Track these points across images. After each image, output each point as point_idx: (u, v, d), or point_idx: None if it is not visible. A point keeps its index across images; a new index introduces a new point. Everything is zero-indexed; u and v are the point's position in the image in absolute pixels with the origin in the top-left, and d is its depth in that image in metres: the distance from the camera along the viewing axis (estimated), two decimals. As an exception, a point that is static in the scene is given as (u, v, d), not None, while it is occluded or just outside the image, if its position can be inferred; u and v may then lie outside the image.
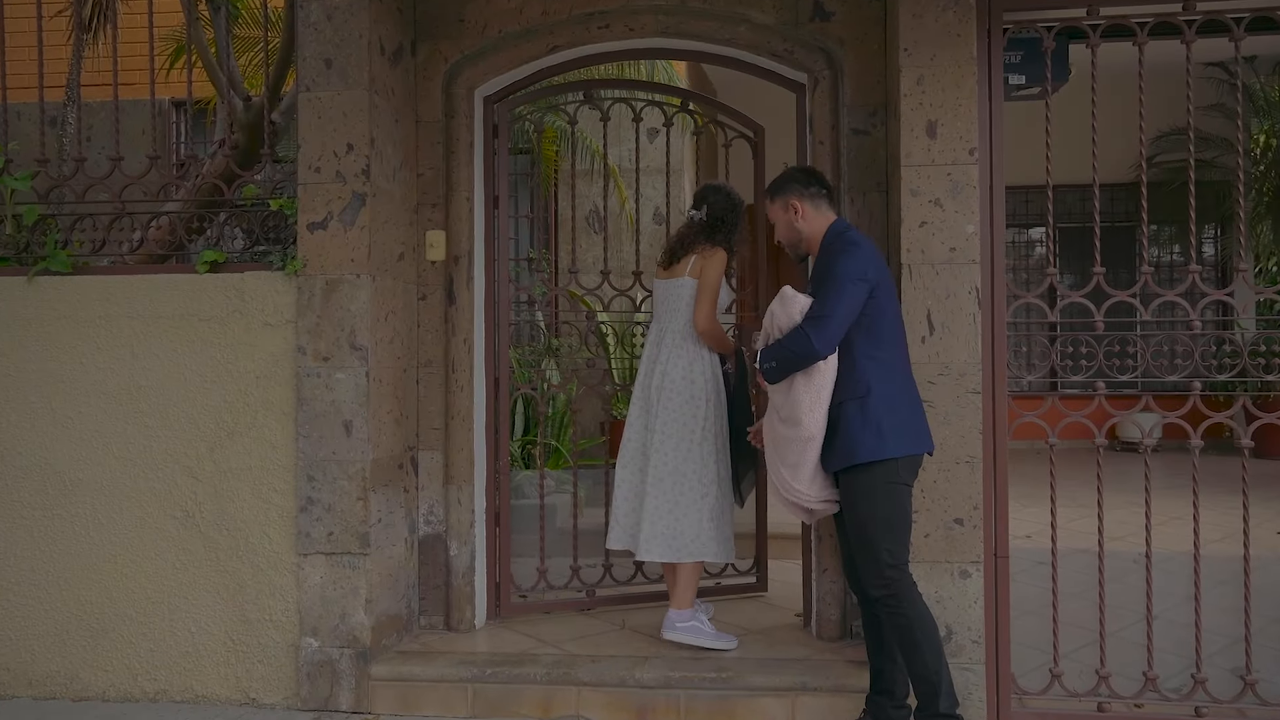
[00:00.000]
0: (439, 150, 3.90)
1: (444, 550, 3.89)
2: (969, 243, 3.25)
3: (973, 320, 3.24)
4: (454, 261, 3.89)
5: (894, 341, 3.06)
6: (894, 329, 3.06)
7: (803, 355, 2.94)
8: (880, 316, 3.00)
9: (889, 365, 3.01)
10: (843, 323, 2.94)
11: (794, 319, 2.99)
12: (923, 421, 3.06)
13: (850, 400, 2.97)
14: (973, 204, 3.25)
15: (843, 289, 2.95)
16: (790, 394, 3.02)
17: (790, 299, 3.03)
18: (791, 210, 3.17)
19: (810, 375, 2.98)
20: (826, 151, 3.74)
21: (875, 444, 2.94)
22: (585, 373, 5.37)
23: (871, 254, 3.04)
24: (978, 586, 3.23)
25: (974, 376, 3.23)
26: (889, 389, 2.99)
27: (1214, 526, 4.89)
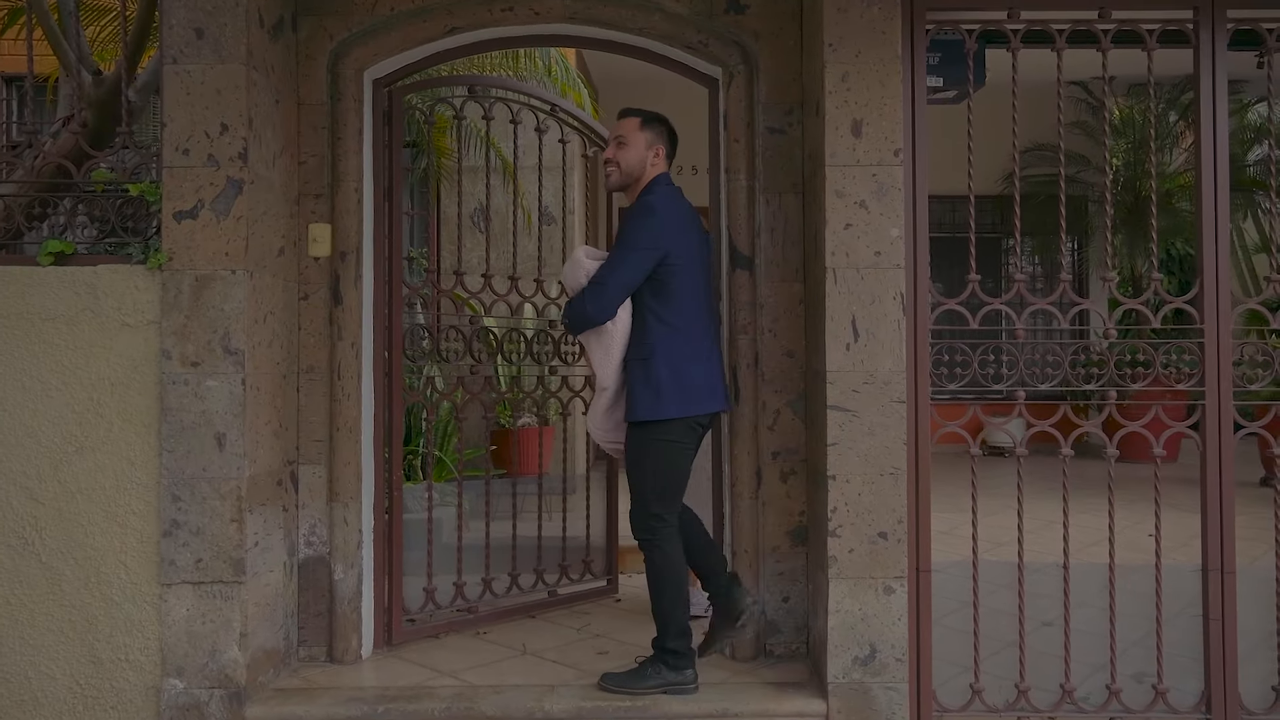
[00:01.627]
0: (323, 136, 3.55)
1: (327, 574, 3.53)
2: (894, 247, 3.14)
3: (898, 327, 3.13)
4: (340, 258, 3.55)
5: (688, 307, 3.23)
6: (692, 295, 3.25)
7: (582, 317, 3.22)
8: (673, 280, 3.19)
9: (678, 329, 3.20)
10: (619, 290, 3.17)
11: (580, 282, 3.23)
12: (710, 384, 3.25)
13: (636, 360, 3.21)
14: (898, 206, 3.15)
15: (625, 258, 3.19)
16: (588, 348, 3.33)
17: (577, 263, 3.26)
18: (653, 151, 3.34)
19: (600, 334, 3.24)
20: (741, 150, 3.59)
21: (652, 404, 3.17)
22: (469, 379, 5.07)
23: (669, 221, 3.22)
24: (902, 603, 3.12)
25: (899, 385, 3.13)
26: (675, 352, 3.18)
27: (1089, 530, 5.01)
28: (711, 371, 3.29)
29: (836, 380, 3.13)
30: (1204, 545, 3.20)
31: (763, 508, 3.56)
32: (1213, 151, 3.23)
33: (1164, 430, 3.19)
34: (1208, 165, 3.22)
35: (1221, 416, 3.16)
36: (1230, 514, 3.19)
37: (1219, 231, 3.20)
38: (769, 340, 3.56)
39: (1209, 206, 3.20)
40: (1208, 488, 3.17)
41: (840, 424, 3.12)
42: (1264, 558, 5.19)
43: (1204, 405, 3.17)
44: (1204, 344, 3.17)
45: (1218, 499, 3.17)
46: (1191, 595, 3.35)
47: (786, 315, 3.56)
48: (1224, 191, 3.23)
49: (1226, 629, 3.21)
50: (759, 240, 3.58)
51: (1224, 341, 3.16)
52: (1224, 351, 3.16)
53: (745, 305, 3.57)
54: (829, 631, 3.11)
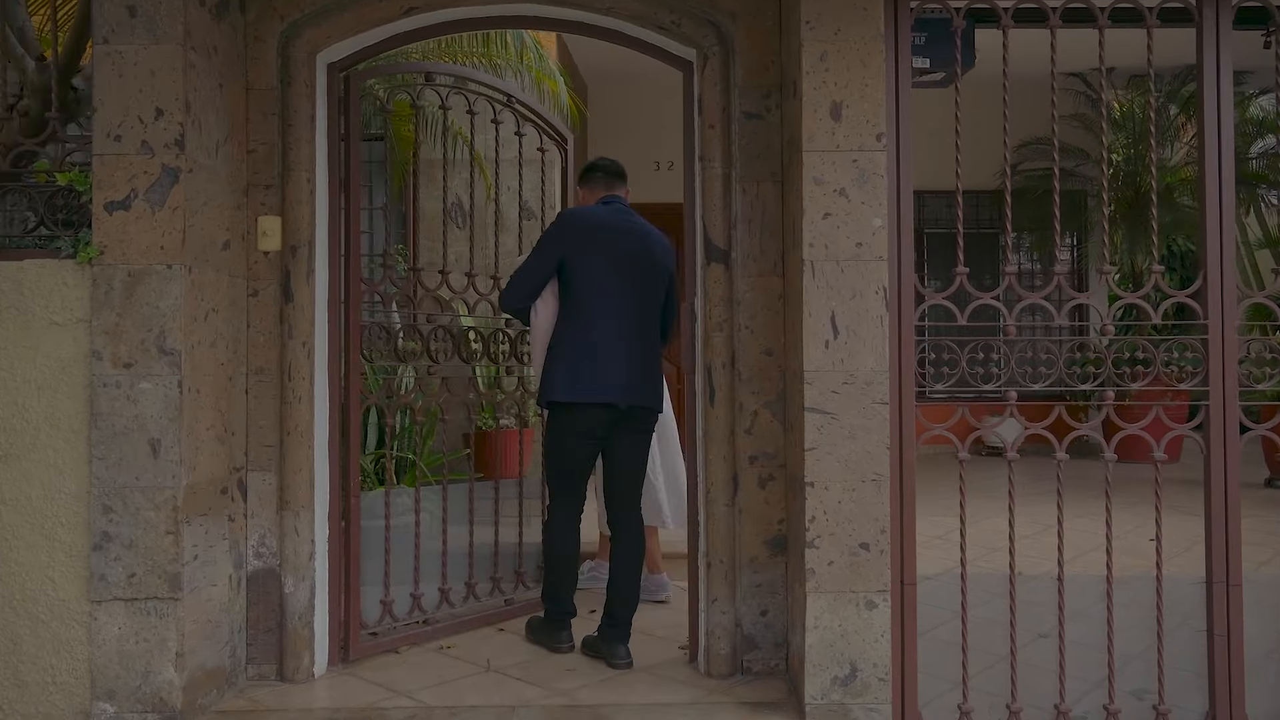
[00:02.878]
0: (273, 123, 3.35)
1: (278, 587, 3.33)
2: (876, 237, 2.94)
3: (880, 323, 2.93)
4: (291, 252, 3.35)
5: (591, 307, 3.53)
6: (590, 291, 3.53)
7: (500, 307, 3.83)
8: (573, 278, 3.54)
9: (575, 323, 3.53)
10: (516, 286, 3.62)
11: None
12: (599, 377, 3.49)
13: (548, 350, 3.60)
14: (880, 195, 2.95)
15: (525, 259, 3.68)
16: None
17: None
18: (581, 195, 3.87)
19: (532, 326, 3.69)
20: (716, 136, 3.38)
21: (546, 389, 3.58)
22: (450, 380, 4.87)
23: (570, 229, 3.59)
24: (884, 618, 2.92)
25: (881, 386, 2.93)
26: (569, 344, 3.52)
27: (1089, 535, 4.82)
28: (607, 367, 3.51)
29: (814, 380, 2.93)
30: (1208, 556, 3.00)
31: (739, 516, 3.36)
32: (1216, 134, 3.02)
33: (1165, 432, 2.99)
34: (1211, 148, 3.02)
35: (1226, 418, 2.96)
36: (1236, 523, 2.99)
37: (1224, 220, 3.00)
38: (746, 338, 3.35)
39: (1213, 192, 3.00)
40: (1212, 495, 2.97)
41: (818, 427, 2.92)
42: (1271, 563, 5.00)
43: (1207, 406, 2.97)
44: (1208, 340, 2.97)
45: (1222, 507, 2.96)
46: (1195, 604, 3.15)
47: (765, 311, 3.35)
48: (1229, 176, 3.02)
49: (1233, 645, 3.00)
50: (735, 232, 3.37)
51: (1229, 338, 2.96)
52: (1229, 348, 2.96)
53: (721, 301, 3.37)
54: (807, 649, 2.91)
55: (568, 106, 5.21)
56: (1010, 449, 3.03)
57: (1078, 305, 3.06)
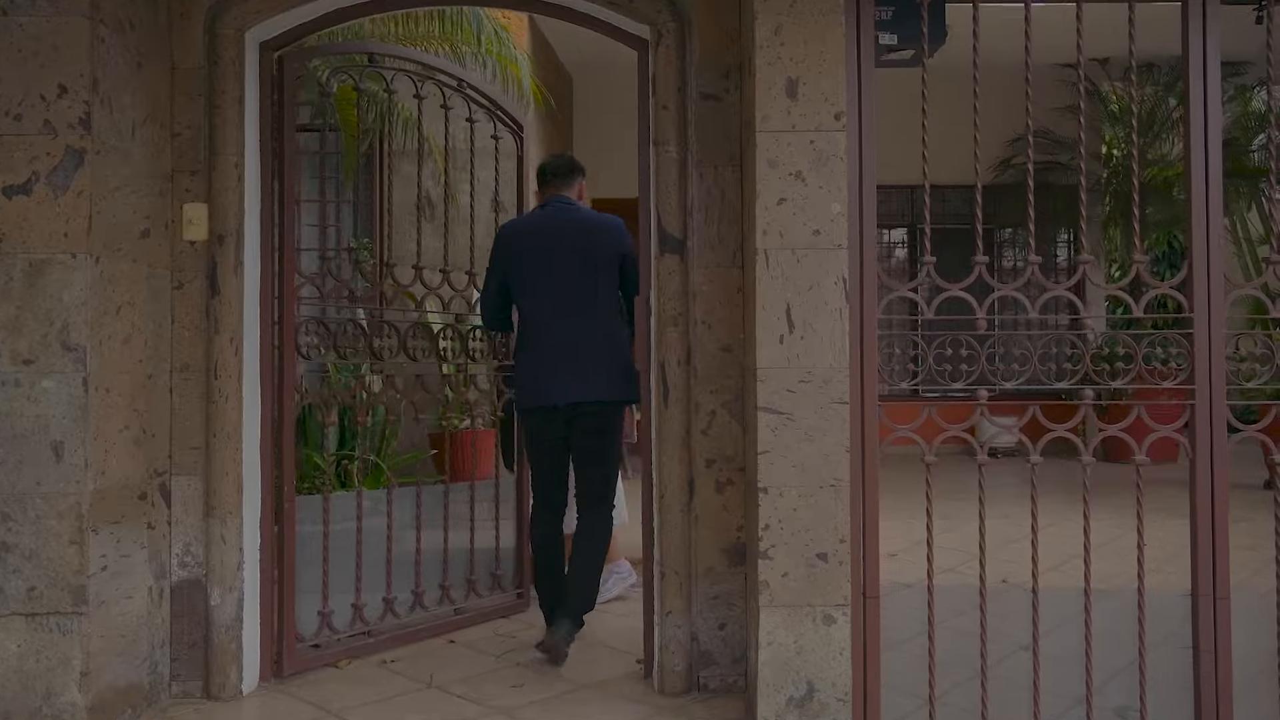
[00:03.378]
0: (199, 105, 3.15)
1: (204, 598, 3.13)
2: (835, 224, 2.73)
3: (839, 316, 2.72)
4: (217, 241, 3.15)
5: (525, 310, 3.65)
6: (528, 298, 3.63)
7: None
8: (514, 289, 3.66)
9: (522, 331, 3.67)
10: (484, 307, 3.80)
11: None
12: (537, 381, 3.56)
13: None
14: (840, 178, 2.74)
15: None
16: None
17: None
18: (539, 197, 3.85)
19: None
20: (671, 118, 3.18)
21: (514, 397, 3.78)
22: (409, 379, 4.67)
23: (503, 239, 3.70)
24: (844, 634, 2.71)
25: (840, 384, 2.72)
26: (519, 352, 3.68)
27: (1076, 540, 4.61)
28: (547, 370, 3.55)
29: (768, 378, 2.72)
30: (1194, 568, 2.78)
31: (695, 522, 3.15)
32: (1203, 115, 2.81)
33: (1149, 435, 2.78)
34: (1197, 130, 2.80)
35: (1214, 418, 2.74)
36: (1223, 532, 2.77)
37: (1210, 207, 2.78)
38: (703, 333, 3.15)
39: (1199, 177, 2.79)
40: (1197, 502, 2.76)
41: (773, 428, 2.71)
42: (1265, 571, 4.78)
43: (1193, 405, 2.76)
44: (1193, 335, 2.76)
45: (1208, 514, 2.75)
46: (1183, 615, 2.94)
47: (723, 305, 3.15)
48: (1216, 160, 2.81)
49: (1220, 662, 2.79)
50: (691, 220, 3.17)
51: (1216, 332, 2.75)
52: (1216, 343, 2.74)
53: (675, 294, 3.16)
54: (760, 667, 2.70)
55: (530, 92, 4.99)
56: (981, 452, 2.82)
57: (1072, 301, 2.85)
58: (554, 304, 3.57)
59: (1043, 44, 2.82)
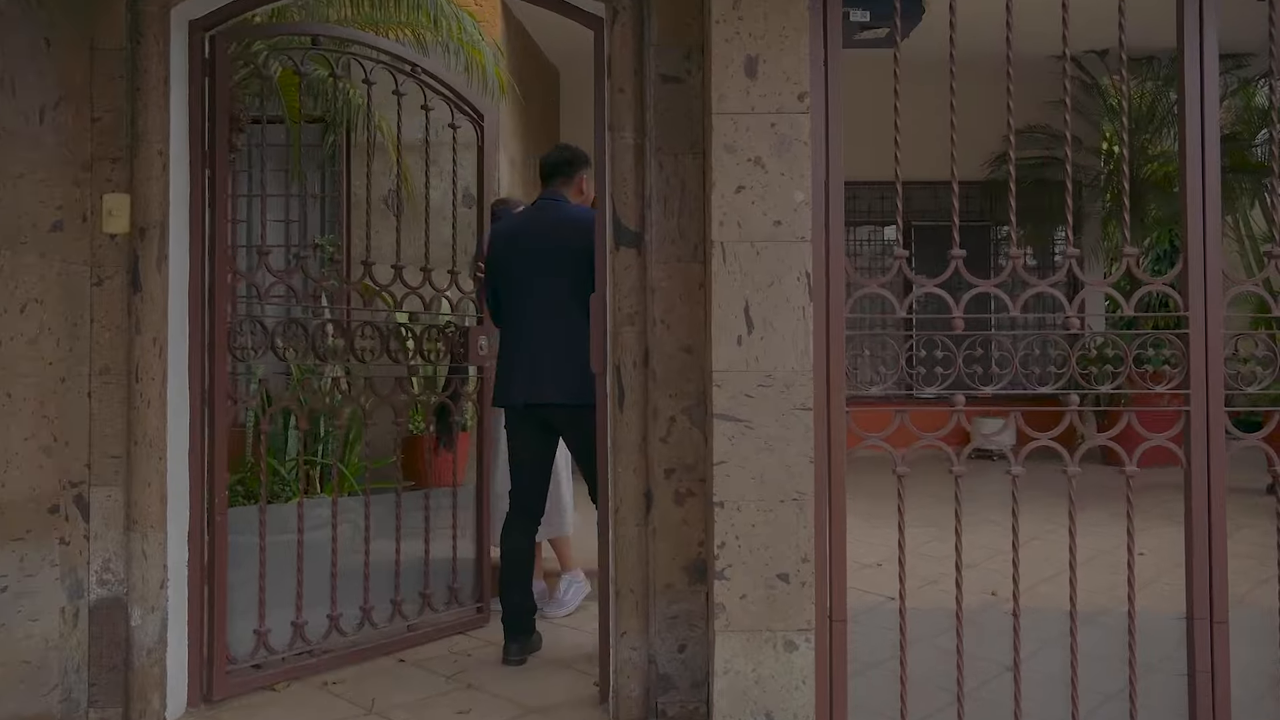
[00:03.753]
0: (120, 87, 2.93)
1: (124, 619, 2.91)
2: (798, 215, 2.51)
3: (803, 315, 2.50)
4: (139, 235, 2.93)
5: (506, 310, 3.62)
6: (509, 298, 3.60)
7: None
8: (502, 296, 3.63)
9: (503, 334, 3.65)
10: (489, 305, 3.78)
11: None
12: (509, 378, 3.54)
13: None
14: (803, 164, 2.51)
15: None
16: None
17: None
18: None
19: None
20: (628, 102, 2.95)
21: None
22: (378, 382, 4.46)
23: (491, 243, 3.69)
24: (807, 661, 2.49)
25: (804, 388, 2.49)
26: (500, 353, 3.66)
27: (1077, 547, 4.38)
28: (518, 369, 3.52)
29: (725, 382, 2.50)
30: (1189, 590, 2.55)
31: (653, 536, 2.92)
32: (1199, 96, 2.58)
33: (1141, 444, 2.55)
34: (1192, 113, 2.58)
35: (1210, 426, 2.52)
36: (1221, 550, 2.54)
37: (1206, 197, 2.55)
38: (661, 333, 2.92)
39: (1194, 164, 2.56)
40: (1193, 517, 2.53)
41: (730, 437, 2.49)
42: (1268, 583, 4.55)
43: (1189, 412, 2.53)
44: (1189, 335, 2.53)
45: (1205, 531, 2.52)
46: (1179, 637, 2.72)
47: (684, 302, 2.92)
48: (1213, 147, 2.58)
49: (1218, 689, 2.56)
50: (649, 212, 2.94)
51: (1213, 332, 2.52)
52: (1213, 344, 2.52)
53: (632, 290, 2.93)
54: (715, 698, 2.48)
55: (495, 80, 4.76)
56: (957, 463, 2.60)
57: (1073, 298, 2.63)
58: (530, 304, 3.53)
59: (1040, 34, 2.61)
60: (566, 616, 4.01)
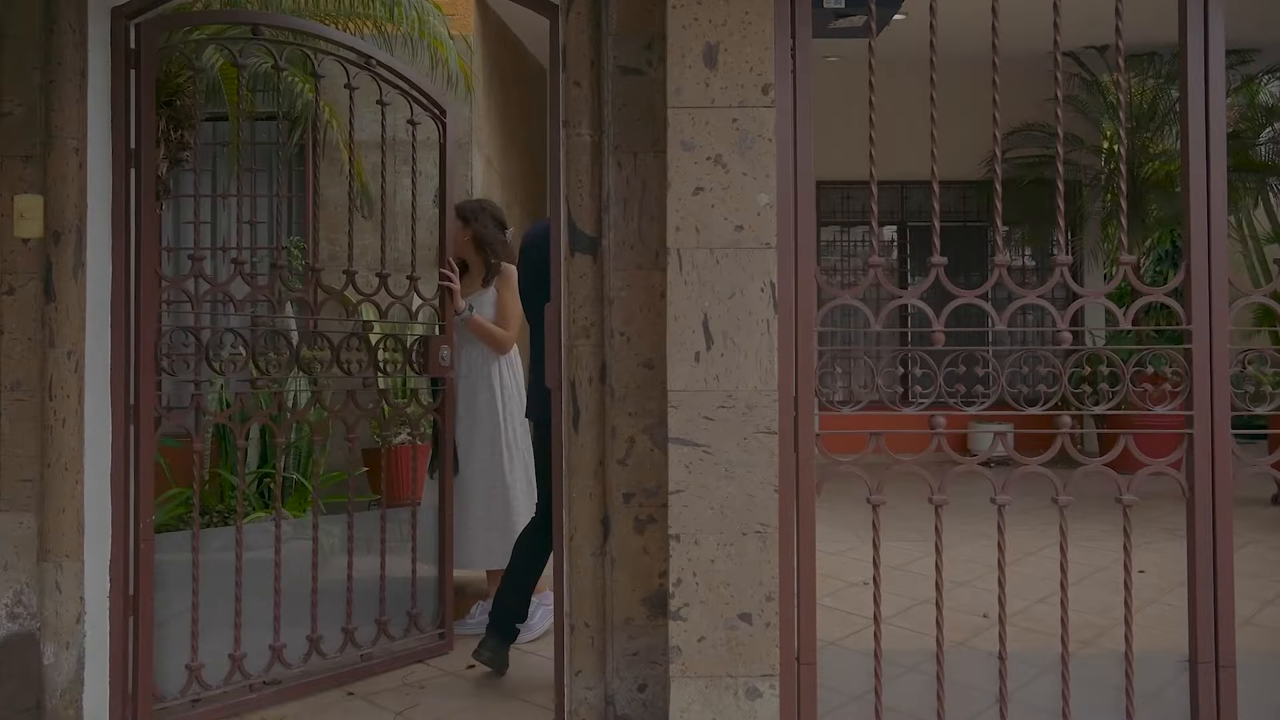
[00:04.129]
0: (33, 79, 2.71)
1: (37, 657, 2.69)
2: (762, 219, 2.28)
3: (767, 329, 2.27)
4: (54, 239, 2.70)
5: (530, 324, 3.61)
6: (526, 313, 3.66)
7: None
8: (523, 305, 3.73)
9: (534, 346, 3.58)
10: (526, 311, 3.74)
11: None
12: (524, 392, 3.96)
13: None
14: (767, 163, 2.28)
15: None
16: None
17: None
18: None
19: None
20: (585, 96, 2.72)
21: None
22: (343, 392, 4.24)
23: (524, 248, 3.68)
24: (772, 709, 2.26)
25: (768, 410, 2.27)
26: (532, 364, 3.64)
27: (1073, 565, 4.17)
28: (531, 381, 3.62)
29: (682, 403, 2.27)
30: (1192, 630, 2.32)
31: (611, 566, 2.69)
32: (1203, 91, 2.36)
33: (1141, 468, 2.33)
34: (1196, 109, 2.35)
35: (1215, 450, 2.29)
36: (1227, 586, 2.31)
37: (1212, 201, 2.33)
38: (620, 346, 2.69)
39: (1198, 165, 2.34)
40: (1197, 551, 2.30)
41: (687, 463, 2.27)
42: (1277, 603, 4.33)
43: (1190, 436, 2.30)
44: (1192, 350, 2.30)
45: (1209, 567, 2.29)
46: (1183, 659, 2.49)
47: (645, 313, 2.69)
48: (1219, 147, 2.36)
49: (1224, 738, 2.33)
50: (608, 215, 2.71)
51: (1218, 347, 2.29)
52: (1218, 361, 2.29)
53: (588, 300, 2.71)
54: (670, 751, 2.26)
55: (460, 74, 4.54)
56: (935, 493, 2.37)
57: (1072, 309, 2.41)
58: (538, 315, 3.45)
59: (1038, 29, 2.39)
60: (533, 641, 3.79)
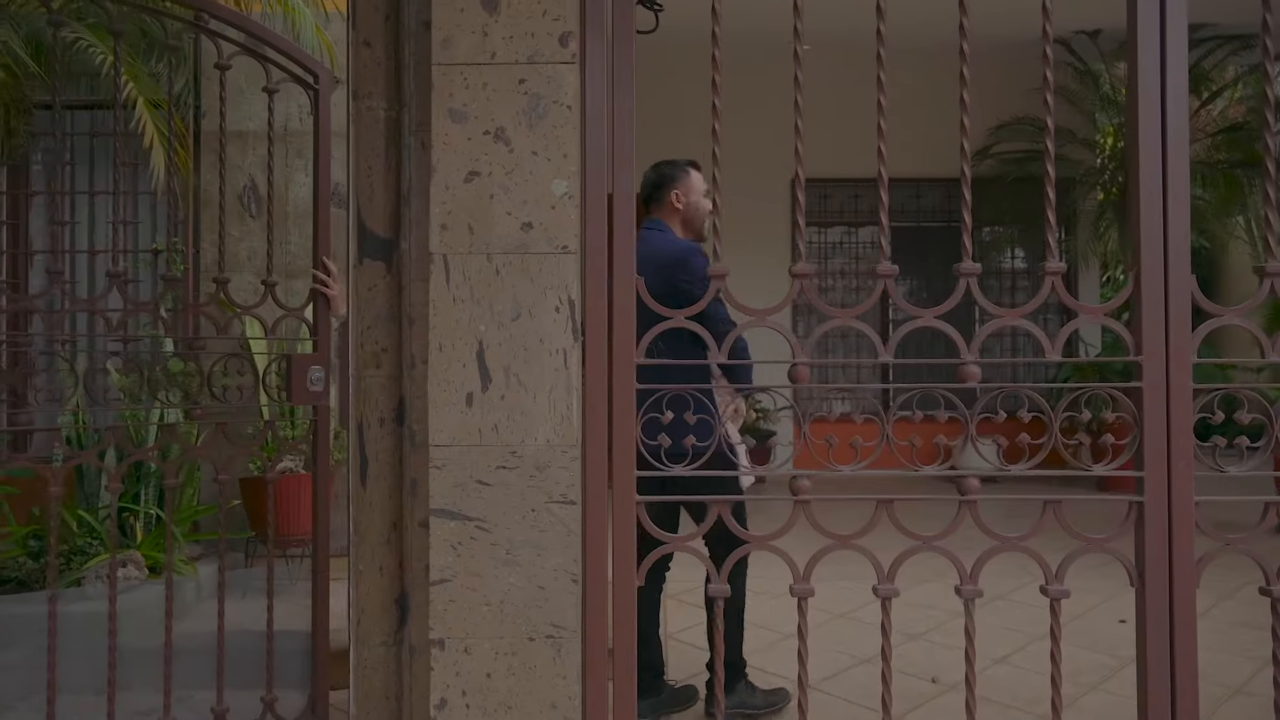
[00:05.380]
0: None
1: None
2: (559, 214, 1.70)
3: (564, 362, 1.69)
4: None
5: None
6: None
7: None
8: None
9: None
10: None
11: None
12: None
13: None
14: (567, 139, 1.70)
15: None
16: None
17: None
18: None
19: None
20: (377, 59, 2.14)
21: None
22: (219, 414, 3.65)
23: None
24: None
25: (565, 471, 1.68)
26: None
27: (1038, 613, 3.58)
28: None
29: (449, 462, 1.69)
30: (1140, 772, 1.72)
31: (411, 659, 2.11)
32: (1158, 64, 1.76)
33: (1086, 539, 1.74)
34: (1149, 85, 1.76)
35: (1174, 524, 1.69)
36: (1190, 696, 1.71)
37: (1169, 201, 1.73)
38: (423, 378, 2.10)
39: (1150, 156, 1.74)
40: (1149, 659, 1.70)
41: (454, 543, 1.68)
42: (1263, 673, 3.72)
43: (1140, 505, 1.70)
44: (1142, 392, 1.70)
45: (1165, 671, 1.69)
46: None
47: (457, 335, 2.11)
48: (1180, 134, 1.76)
49: None
50: (408, 209, 2.12)
51: (1177, 386, 1.69)
52: (1178, 405, 1.69)
53: (381, 319, 2.12)
54: None
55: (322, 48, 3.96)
56: (799, 582, 1.77)
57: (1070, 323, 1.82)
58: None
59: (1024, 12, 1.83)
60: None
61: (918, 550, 1.74)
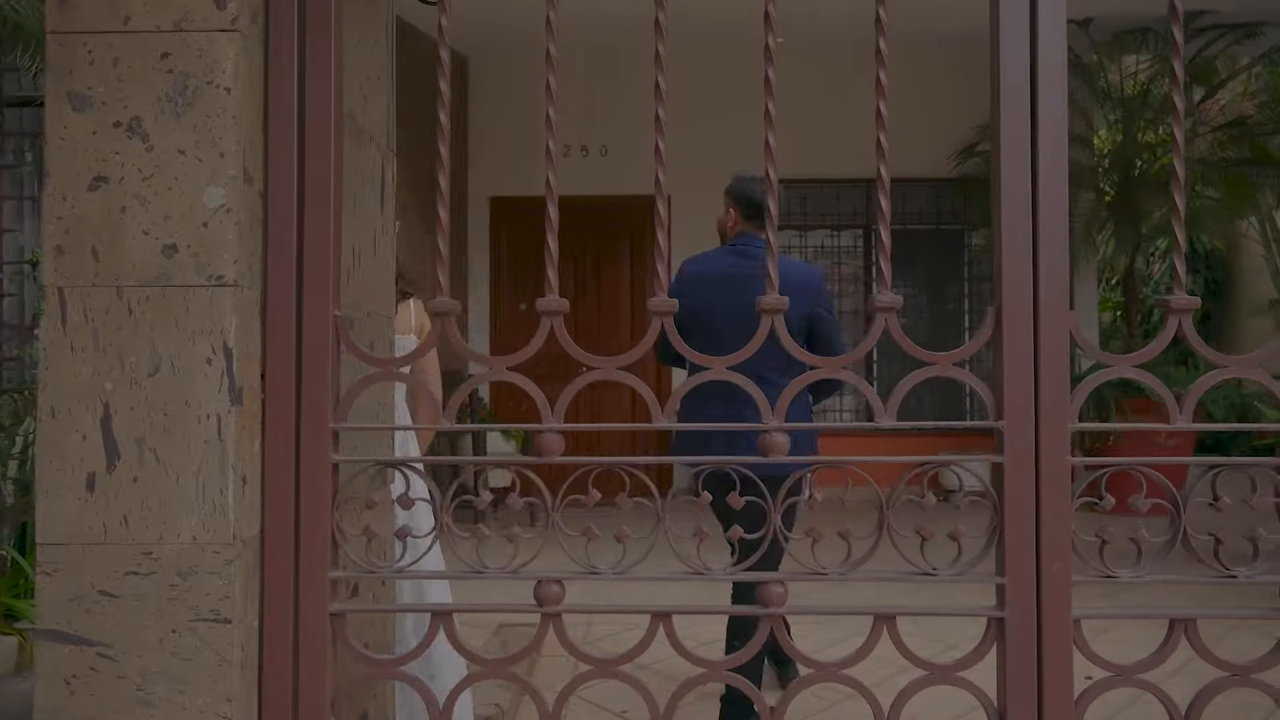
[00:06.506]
0: None
1: None
2: (213, 233, 1.27)
3: (217, 433, 1.26)
4: None
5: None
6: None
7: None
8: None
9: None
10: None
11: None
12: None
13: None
14: (225, 132, 1.27)
15: None
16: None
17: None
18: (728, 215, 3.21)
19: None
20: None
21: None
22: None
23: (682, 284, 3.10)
24: None
25: (219, 579, 1.25)
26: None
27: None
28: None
29: (64, 566, 1.26)
30: None
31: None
32: (1027, 41, 1.31)
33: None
34: (1012, 68, 1.31)
35: (1043, 653, 1.24)
36: None
37: (1039, 216, 1.28)
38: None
39: (1013, 157, 1.29)
40: (1005, 843, 1.25)
41: (68, 677, 1.25)
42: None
43: (1000, 621, 1.26)
44: (1003, 468, 1.25)
45: None
46: None
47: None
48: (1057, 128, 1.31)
49: None
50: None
51: (1051, 452, 1.24)
52: (1052, 479, 1.24)
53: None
54: None
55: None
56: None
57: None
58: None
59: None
60: None
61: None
